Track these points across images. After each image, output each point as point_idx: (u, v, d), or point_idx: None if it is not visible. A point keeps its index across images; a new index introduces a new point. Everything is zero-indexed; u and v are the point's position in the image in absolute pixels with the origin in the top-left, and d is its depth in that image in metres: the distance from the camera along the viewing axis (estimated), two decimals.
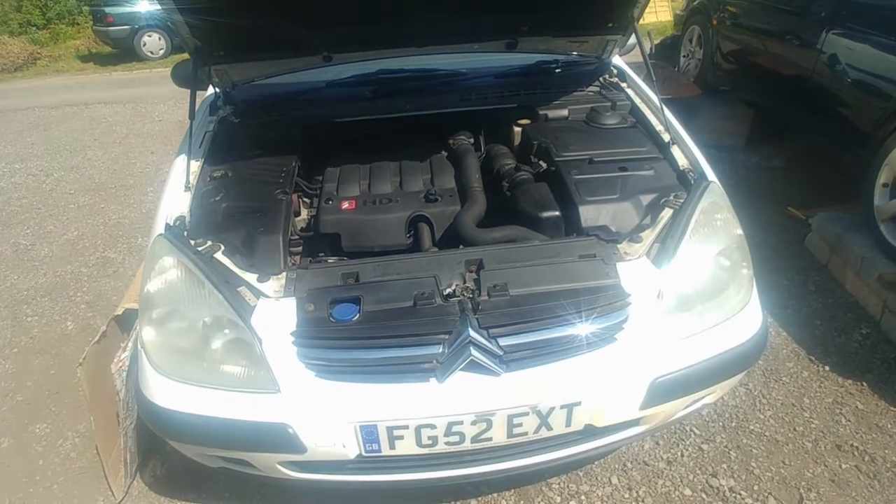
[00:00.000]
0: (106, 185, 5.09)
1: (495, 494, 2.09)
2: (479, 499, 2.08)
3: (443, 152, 2.43)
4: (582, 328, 1.53)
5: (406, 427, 1.52)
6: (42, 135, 6.73)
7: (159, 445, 2.30)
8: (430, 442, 1.55)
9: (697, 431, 2.29)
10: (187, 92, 2.21)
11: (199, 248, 1.71)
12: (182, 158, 2.10)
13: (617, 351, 1.57)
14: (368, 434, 1.53)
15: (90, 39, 12.82)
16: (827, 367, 2.58)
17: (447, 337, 1.50)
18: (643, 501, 2.05)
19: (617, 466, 2.17)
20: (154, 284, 1.66)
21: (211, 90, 2.54)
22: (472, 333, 1.49)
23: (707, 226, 1.78)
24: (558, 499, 2.07)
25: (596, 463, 2.18)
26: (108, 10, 11.09)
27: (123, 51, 11.36)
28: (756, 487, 2.08)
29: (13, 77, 11.01)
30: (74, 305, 3.37)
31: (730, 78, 5.18)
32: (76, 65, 11.78)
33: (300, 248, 2.15)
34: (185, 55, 2.30)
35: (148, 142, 6.15)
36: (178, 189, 1.99)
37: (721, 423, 2.33)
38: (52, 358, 2.95)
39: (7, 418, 2.60)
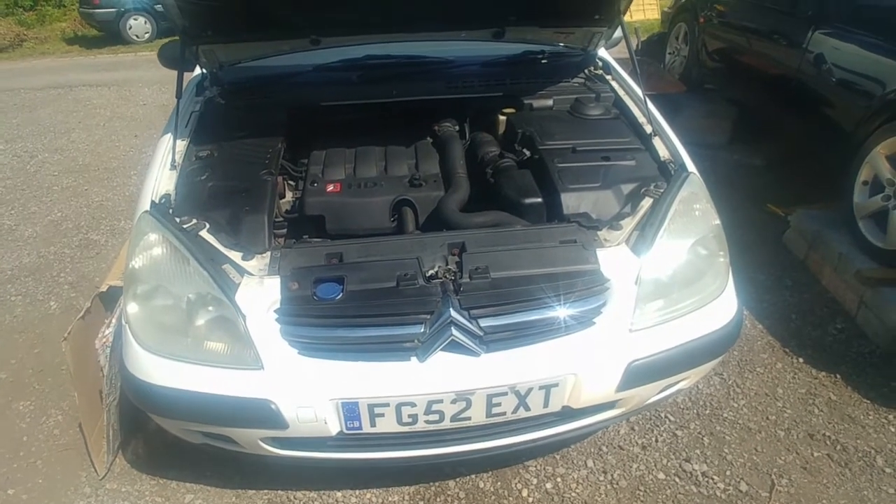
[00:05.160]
0: (90, 167, 5.05)
1: (473, 476, 2.12)
2: (457, 480, 2.11)
3: (428, 139, 2.44)
4: (561, 311, 1.57)
5: (387, 405, 1.55)
6: (27, 116, 6.66)
7: (141, 424, 2.30)
8: (410, 420, 1.58)
9: (672, 418, 2.34)
10: (172, 76, 2.22)
11: (185, 226, 1.72)
12: (168, 137, 2.10)
13: (595, 334, 1.61)
14: (350, 411, 1.55)
15: (76, 22, 12.60)
16: (801, 360, 2.63)
17: (429, 317, 1.53)
18: (618, 484, 2.09)
19: (593, 450, 2.21)
20: (139, 260, 1.67)
21: (198, 71, 2.54)
22: (454, 314, 1.52)
23: (685, 215, 1.82)
24: (535, 480, 2.11)
25: (572, 447, 2.22)
26: None
27: (109, 34, 11.18)
28: (728, 472, 2.13)
29: None
30: (58, 286, 3.36)
31: (715, 76, 5.23)
32: (62, 47, 11.60)
33: (284, 231, 2.16)
34: (171, 39, 2.30)
35: (132, 125, 6.11)
36: (163, 167, 1.99)
37: (695, 411, 2.38)
38: (36, 337, 2.94)
39: None
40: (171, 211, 1.80)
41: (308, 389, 1.54)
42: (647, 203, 1.87)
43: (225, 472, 2.16)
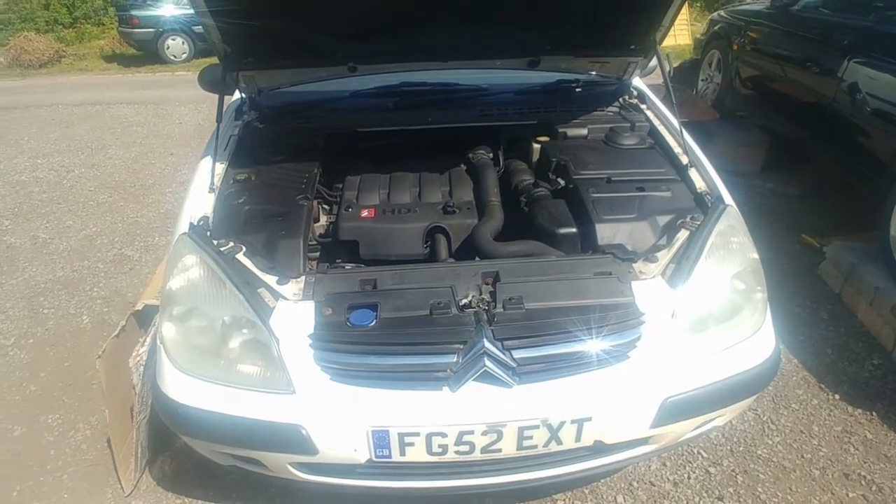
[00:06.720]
0: (125, 183, 5.16)
1: None
2: None
3: (462, 166, 2.45)
4: (595, 344, 1.54)
5: (417, 434, 1.54)
6: (64, 131, 6.83)
7: (168, 442, 2.32)
8: (440, 450, 1.56)
9: (705, 454, 2.29)
10: (208, 96, 2.25)
11: (222, 249, 1.74)
12: (207, 160, 2.14)
13: (629, 369, 1.58)
14: (380, 439, 1.54)
15: (115, 40, 13.02)
16: (837, 396, 2.57)
17: (462, 347, 1.52)
18: None
19: (623, 486, 2.17)
20: (176, 282, 1.69)
21: (237, 95, 2.59)
22: (487, 344, 1.50)
23: (723, 248, 1.79)
24: None
25: (602, 481, 2.18)
26: (133, 12, 11.30)
27: (147, 53, 11.54)
28: None
29: (38, 73, 11.19)
30: (90, 300, 3.41)
31: (748, 103, 5.19)
32: (100, 64, 11.96)
33: (317, 254, 2.18)
34: (209, 60, 2.35)
35: (168, 143, 6.23)
36: (202, 190, 2.02)
37: (729, 447, 2.32)
38: (67, 350, 2.99)
39: (20, 407, 2.63)
40: (208, 233, 1.82)
41: (339, 416, 1.54)
42: (683, 235, 1.84)
43: (249, 493, 2.16)
